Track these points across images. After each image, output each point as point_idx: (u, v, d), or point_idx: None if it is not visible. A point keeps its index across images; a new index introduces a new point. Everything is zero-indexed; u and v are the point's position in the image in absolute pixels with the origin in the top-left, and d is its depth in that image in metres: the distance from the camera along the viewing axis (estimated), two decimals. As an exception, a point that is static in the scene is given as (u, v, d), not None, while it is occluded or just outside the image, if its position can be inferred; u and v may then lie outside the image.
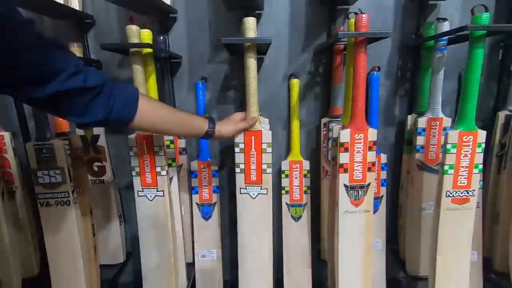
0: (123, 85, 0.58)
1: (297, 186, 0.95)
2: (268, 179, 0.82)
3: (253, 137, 0.80)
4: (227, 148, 1.02)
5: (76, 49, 0.86)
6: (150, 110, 0.59)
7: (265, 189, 0.83)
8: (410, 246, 0.96)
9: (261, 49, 0.84)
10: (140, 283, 0.89)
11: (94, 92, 0.50)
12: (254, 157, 0.81)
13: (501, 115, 0.90)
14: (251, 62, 0.74)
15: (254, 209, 0.84)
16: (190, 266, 1.00)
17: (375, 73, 0.89)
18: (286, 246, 0.97)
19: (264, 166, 0.81)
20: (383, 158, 0.95)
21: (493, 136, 0.92)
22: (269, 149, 0.80)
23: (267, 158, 0.81)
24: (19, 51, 0.41)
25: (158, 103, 0.65)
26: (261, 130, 0.79)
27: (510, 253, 0.87)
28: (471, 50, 0.67)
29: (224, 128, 0.73)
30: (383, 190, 0.96)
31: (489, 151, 0.94)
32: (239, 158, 0.81)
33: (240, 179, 0.83)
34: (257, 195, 0.83)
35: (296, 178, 0.94)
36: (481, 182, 0.90)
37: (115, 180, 1.01)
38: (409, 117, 0.92)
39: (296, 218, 0.96)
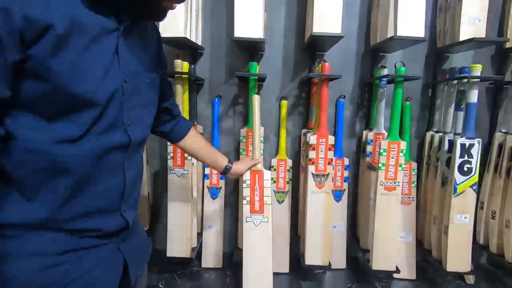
0: (185, 119, 0.85)
1: (282, 177, 1.29)
2: (268, 209, 1.00)
3: (257, 175, 0.99)
4: (234, 148, 1.37)
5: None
6: (193, 139, 0.83)
7: (266, 217, 1.00)
8: (362, 226, 1.30)
9: (261, 79, 1.22)
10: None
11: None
12: (257, 190, 0.99)
13: (428, 134, 1.26)
14: (256, 102, 0.99)
15: (256, 234, 1.01)
16: (199, 234, 1.33)
17: (342, 100, 1.27)
18: (271, 223, 1.30)
19: (265, 199, 0.99)
20: (346, 161, 1.30)
21: (423, 149, 1.29)
22: (268, 184, 1.00)
23: (267, 191, 0.99)
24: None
25: (201, 137, 0.87)
26: (262, 170, 1.00)
27: (432, 235, 1.21)
28: (394, 89, 1.05)
29: (238, 166, 0.93)
30: (345, 185, 1.30)
31: (422, 160, 1.29)
32: (246, 192, 0.99)
33: (246, 209, 1.00)
34: (260, 223, 1.00)
35: (281, 172, 1.29)
36: (415, 182, 1.25)
37: (148, 165, 1.36)
38: (364, 132, 1.29)
39: (280, 202, 1.30)
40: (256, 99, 0.98)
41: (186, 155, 1.14)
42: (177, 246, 1.17)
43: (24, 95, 0.45)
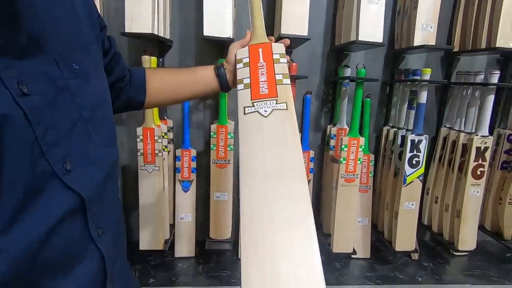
0: (134, 71, 0.57)
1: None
2: (286, 91, 0.56)
3: (260, 49, 0.60)
4: (205, 140, 1.40)
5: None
6: (157, 83, 0.58)
7: (283, 103, 0.54)
8: (324, 212, 1.42)
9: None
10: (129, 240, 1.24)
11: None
12: (263, 68, 0.58)
13: (385, 129, 1.38)
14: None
15: (267, 129, 0.52)
16: (171, 226, 1.37)
17: (309, 95, 1.33)
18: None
19: (278, 77, 0.57)
20: (312, 153, 1.38)
21: (380, 142, 1.41)
22: (283, 60, 0.59)
23: (281, 68, 0.58)
24: None
25: (164, 71, 0.63)
26: (270, 43, 0.61)
27: (384, 219, 1.36)
28: (355, 89, 1.13)
29: (230, 53, 0.62)
30: (311, 176, 1.40)
31: (379, 153, 1.42)
32: (242, 72, 0.59)
33: (244, 96, 0.56)
34: (271, 111, 0.54)
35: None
36: (372, 172, 1.38)
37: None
38: (329, 126, 1.37)
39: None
40: None
41: (157, 151, 1.15)
42: (150, 239, 1.21)
43: None
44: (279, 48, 0.60)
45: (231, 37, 1.03)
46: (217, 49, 1.27)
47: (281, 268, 0.38)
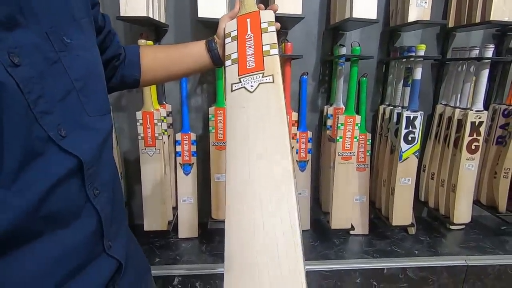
0: (128, 49, 0.59)
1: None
2: (273, 63, 0.54)
3: (248, 20, 0.58)
4: (204, 124, 1.42)
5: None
6: (152, 61, 0.59)
7: (269, 76, 0.53)
8: (323, 192, 1.45)
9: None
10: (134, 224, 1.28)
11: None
12: (251, 40, 0.56)
13: (381, 107, 1.39)
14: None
15: (252, 105, 0.51)
16: (174, 209, 1.40)
17: (305, 76, 1.34)
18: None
19: (265, 48, 0.55)
20: (309, 134, 1.40)
21: (377, 121, 1.43)
22: (272, 28, 0.57)
23: (269, 38, 0.56)
24: None
25: (157, 48, 0.64)
26: (258, 11, 0.59)
27: (382, 196, 1.39)
28: (350, 67, 1.14)
29: (219, 27, 0.62)
30: (309, 156, 1.42)
31: (375, 131, 1.44)
32: (230, 47, 0.58)
33: (231, 72, 0.56)
34: (258, 85, 0.52)
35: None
36: (370, 151, 1.40)
37: (118, 146, 1.37)
38: (325, 107, 1.39)
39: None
40: None
41: (157, 134, 1.17)
42: (154, 220, 1.24)
43: None
44: (268, 15, 0.58)
45: (226, 18, 1.03)
46: (212, 31, 1.27)
47: (261, 219, 0.43)
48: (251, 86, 0.53)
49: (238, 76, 0.55)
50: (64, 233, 0.36)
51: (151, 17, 1.04)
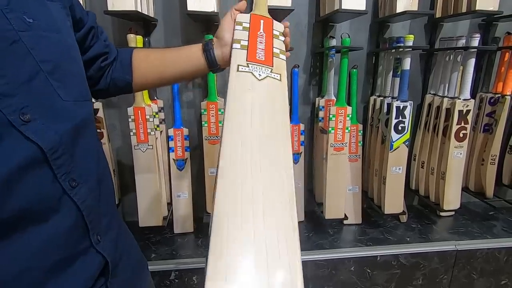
0: (122, 52, 0.57)
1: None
2: (281, 66, 0.57)
3: (262, 21, 0.60)
4: (196, 119, 1.41)
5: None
6: (144, 63, 0.57)
7: (278, 74, 0.56)
8: (317, 182, 1.47)
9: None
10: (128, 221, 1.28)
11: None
12: (263, 37, 0.58)
13: (372, 98, 1.41)
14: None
15: (259, 91, 0.52)
16: (168, 204, 1.40)
17: (296, 69, 1.35)
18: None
19: (276, 50, 0.59)
20: (302, 126, 1.41)
21: (368, 112, 1.45)
22: (282, 38, 0.62)
23: (279, 44, 0.60)
24: None
25: (150, 51, 0.61)
26: (272, 19, 0.62)
27: (374, 185, 1.42)
28: (340, 59, 1.15)
29: (221, 28, 0.59)
30: (302, 148, 1.44)
31: (367, 122, 1.46)
32: (241, 34, 0.58)
33: (239, 55, 0.56)
34: (265, 77, 0.54)
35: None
36: (361, 142, 1.42)
37: (110, 143, 1.36)
38: (317, 99, 1.40)
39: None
40: None
41: (149, 130, 1.17)
42: (148, 216, 1.24)
43: None
44: (279, 26, 0.62)
45: (216, 11, 1.03)
46: (202, 25, 1.26)
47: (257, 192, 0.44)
48: (259, 75, 0.54)
49: (247, 61, 0.55)
50: (42, 228, 0.34)
51: (140, 11, 1.02)
